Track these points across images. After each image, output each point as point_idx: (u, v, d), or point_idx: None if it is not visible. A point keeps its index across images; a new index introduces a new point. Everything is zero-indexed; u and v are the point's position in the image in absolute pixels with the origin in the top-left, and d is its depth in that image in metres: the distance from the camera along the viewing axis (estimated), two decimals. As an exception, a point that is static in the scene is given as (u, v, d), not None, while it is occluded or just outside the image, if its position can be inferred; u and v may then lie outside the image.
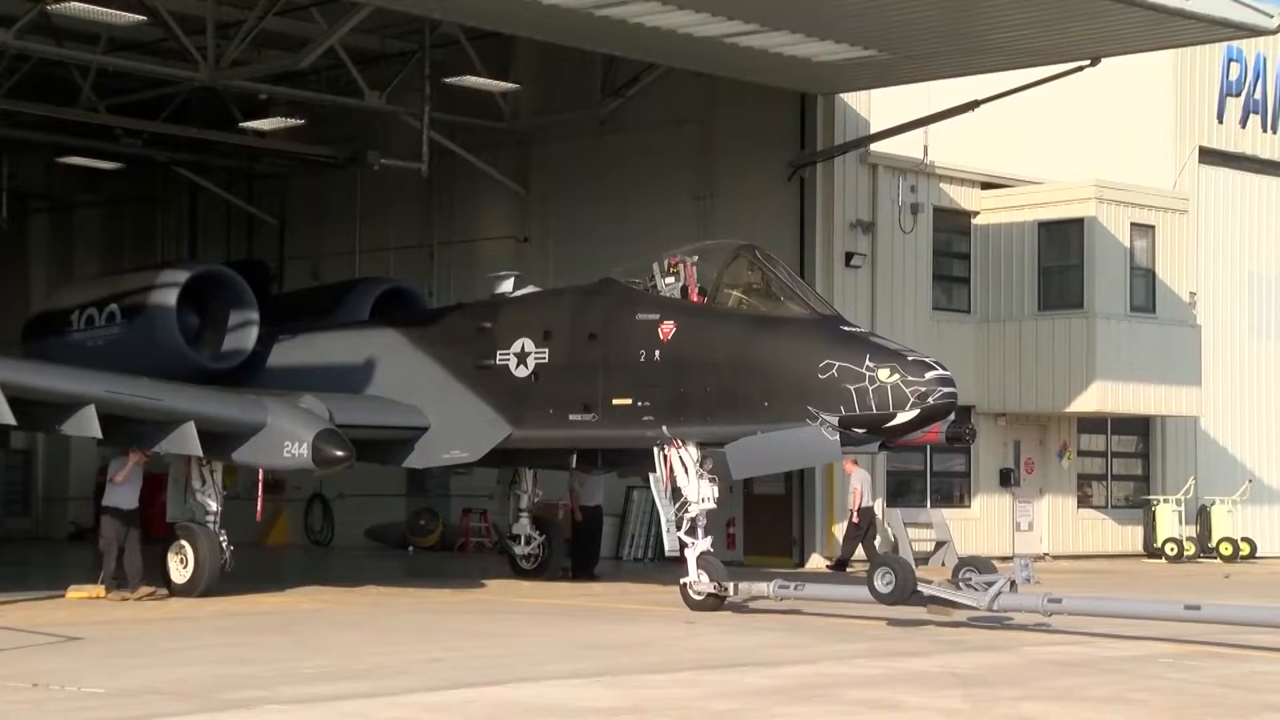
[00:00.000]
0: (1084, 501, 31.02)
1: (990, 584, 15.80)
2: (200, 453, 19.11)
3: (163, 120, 30.17)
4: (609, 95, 28.68)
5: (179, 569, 19.57)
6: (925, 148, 28.16)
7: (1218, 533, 31.01)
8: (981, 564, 16.60)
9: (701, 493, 18.02)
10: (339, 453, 18.97)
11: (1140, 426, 31.58)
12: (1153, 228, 29.98)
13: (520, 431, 20.03)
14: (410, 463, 21.21)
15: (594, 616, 17.62)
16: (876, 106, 27.49)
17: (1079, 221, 29.19)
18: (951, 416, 18.60)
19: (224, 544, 19.72)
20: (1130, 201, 29.81)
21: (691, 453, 18.11)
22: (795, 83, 25.88)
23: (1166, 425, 31.61)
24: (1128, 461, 31.84)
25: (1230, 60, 33.03)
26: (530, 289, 21.50)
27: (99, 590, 19.37)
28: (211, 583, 19.48)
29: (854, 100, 27.35)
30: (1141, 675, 12.80)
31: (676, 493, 18.13)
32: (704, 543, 18.00)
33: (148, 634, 15.72)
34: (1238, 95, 33.33)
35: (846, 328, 17.99)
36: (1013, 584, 15.76)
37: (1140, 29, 22.71)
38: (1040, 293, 29.36)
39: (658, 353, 18.46)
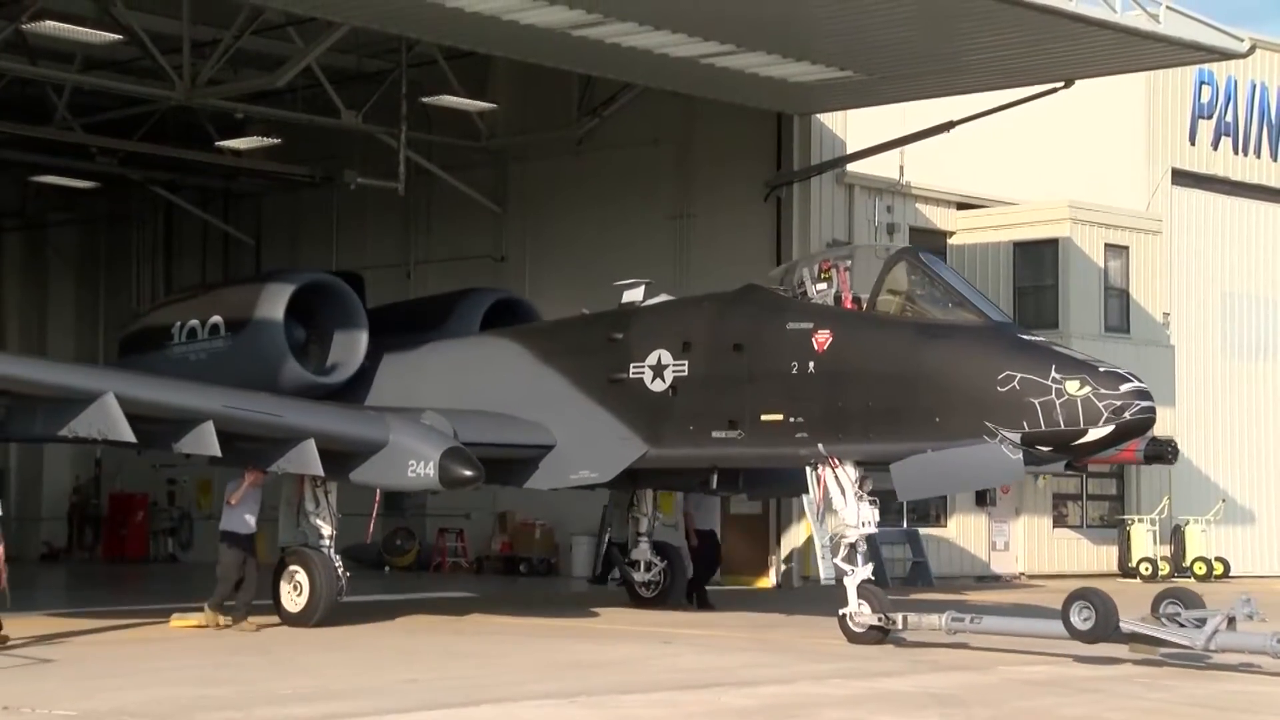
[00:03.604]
0: (1059, 521, 31.10)
1: (1202, 620, 14.55)
2: (321, 472, 17.92)
3: (138, 139, 30.09)
4: (586, 115, 28.74)
5: (292, 596, 18.35)
6: (901, 168, 28.30)
7: (1192, 552, 31.13)
8: (1186, 597, 15.03)
9: (861, 516, 16.73)
10: (468, 472, 17.86)
11: (1115, 446, 31.67)
12: (1126, 248, 30.16)
13: (656, 450, 18.67)
14: (535, 483, 19.73)
15: (573, 637, 17.57)
16: (852, 127, 27.60)
17: (1053, 242, 29.35)
18: (1150, 434, 17.29)
19: (340, 570, 18.51)
20: (1104, 222, 29.97)
21: (849, 472, 16.83)
22: (771, 103, 25.97)
23: (1141, 445, 31.73)
24: (1103, 481, 31.93)
25: (1202, 83, 33.24)
26: (663, 297, 19.96)
27: (206, 618, 18.01)
28: (327, 612, 18.21)
29: (830, 121, 27.46)
30: (1116, 694, 12.84)
31: (832, 516, 16.85)
32: (864, 570, 16.75)
33: (121, 655, 15.63)
34: (1209, 118, 33.54)
35: (1026, 335, 16.69)
36: (1231, 620, 14.44)
37: (1114, 52, 22.87)
38: (1015, 313, 29.44)
39: (812, 364, 17.12)
